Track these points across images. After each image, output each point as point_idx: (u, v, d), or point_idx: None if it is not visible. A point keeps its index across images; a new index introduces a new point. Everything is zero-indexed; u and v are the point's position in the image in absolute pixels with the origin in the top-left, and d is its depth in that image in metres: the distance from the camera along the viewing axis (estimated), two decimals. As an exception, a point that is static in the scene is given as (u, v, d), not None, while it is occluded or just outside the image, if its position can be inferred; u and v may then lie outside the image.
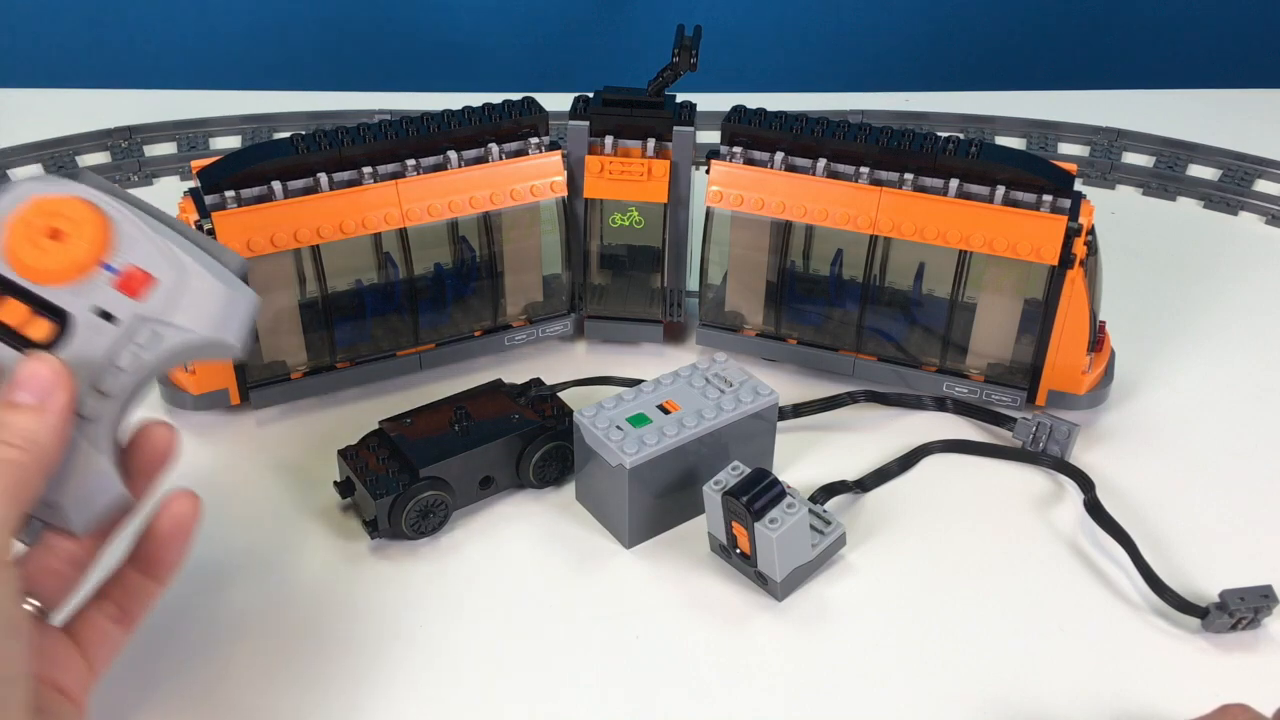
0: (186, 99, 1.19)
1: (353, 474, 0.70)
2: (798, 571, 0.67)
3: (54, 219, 0.56)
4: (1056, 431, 0.76)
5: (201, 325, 0.57)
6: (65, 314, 0.55)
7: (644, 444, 0.68)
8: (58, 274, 0.56)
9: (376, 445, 0.71)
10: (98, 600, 0.58)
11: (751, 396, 0.71)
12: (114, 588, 0.58)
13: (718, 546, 0.69)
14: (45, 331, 0.55)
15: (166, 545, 0.58)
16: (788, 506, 0.64)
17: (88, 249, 0.56)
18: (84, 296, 0.56)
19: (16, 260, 0.56)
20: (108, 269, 0.56)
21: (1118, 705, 0.62)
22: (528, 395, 0.75)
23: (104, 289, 0.56)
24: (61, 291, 0.56)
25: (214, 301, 0.57)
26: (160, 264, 0.57)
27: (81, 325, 0.56)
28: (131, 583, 0.58)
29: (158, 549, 0.58)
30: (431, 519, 0.70)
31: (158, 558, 0.58)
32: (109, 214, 0.57)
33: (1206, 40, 1.40)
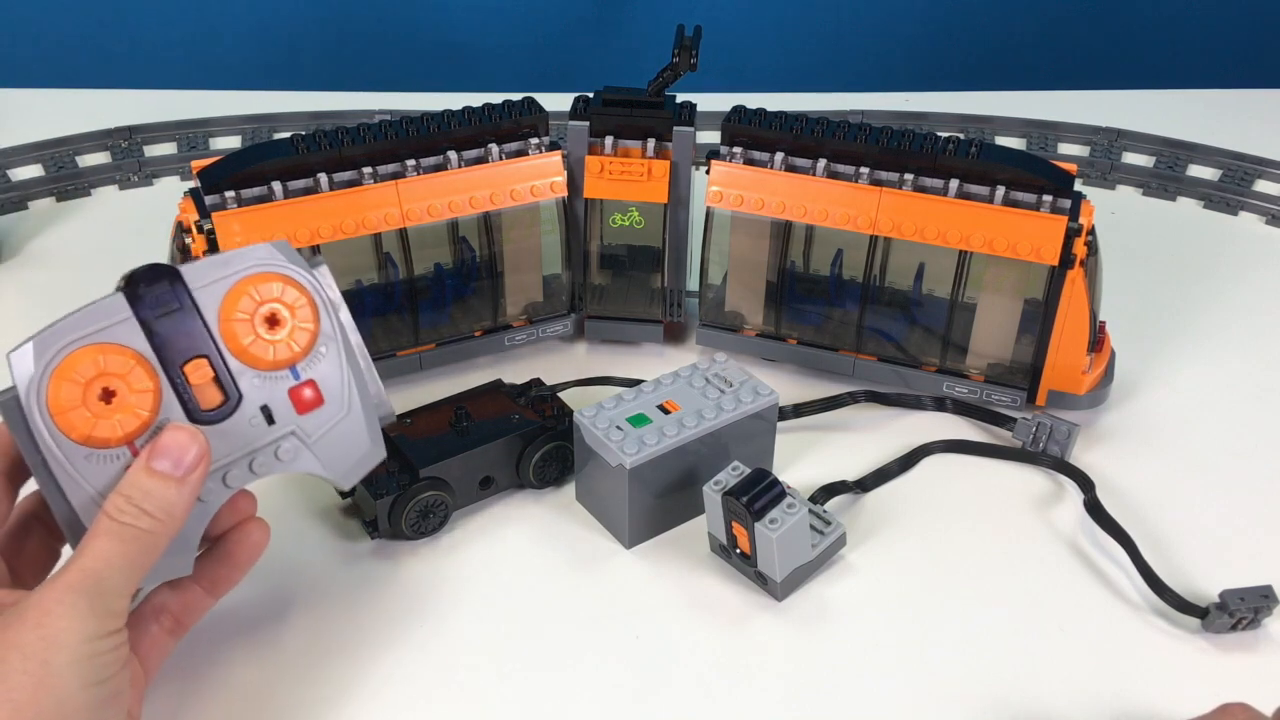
0: (186, 99, 1.19)
1: None
2: (798, 571, 0.67)
3: (280, 306, 0.57)
4: (1056, 431, 0.76)
5: (334, 466, 0.59)
6: (240, 398, 0.56)
7: (644, 444, 0.68)
8: (256, 360, 0.56)
9: None
10: (156, 612, 0.59)
11: (751, 396, 0.71)
12: (174, 601, 0.59)
13: (718, 546, 0.69)
14: (213, 402, 0.56)
15: (237, 568, 0.60)
16: (788, 506, 0.64)
17: (292, 353, 0.57)
18: (262, 389, 0.57)
19: (227, 328, 0.56)
20: (294, 373, 0.57)
21: (1118, 705, 0.62)
22: (528, 395, 0.75)
23: (280, 391, 0.57)
24: (246, 373, 0.56)
25: (355, 450, 0.59)
26: (334, 391, 0.58)
27: (245, 414, 0.56)
28: (192, 598, 0.60)
29: (228, 570, 0.60)
30: (431, 519, 0.70)
31: (224, 577, 0.60)
32: (322, 324, 0.58)
33: (1206, 40, 1.40)
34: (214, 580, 0.60)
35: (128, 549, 0.51)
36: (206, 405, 0.56)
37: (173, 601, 0.59)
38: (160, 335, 0.55)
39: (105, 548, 0.51)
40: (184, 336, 0.55)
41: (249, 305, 0.56)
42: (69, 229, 1.02)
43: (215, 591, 0.61)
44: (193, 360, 0.55)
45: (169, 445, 0.52)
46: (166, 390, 0.55)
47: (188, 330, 0.55)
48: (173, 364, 0.55)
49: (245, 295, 0.56)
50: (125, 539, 0.51)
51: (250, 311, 0.56)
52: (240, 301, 0.56)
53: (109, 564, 0.50)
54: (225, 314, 0.56)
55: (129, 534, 0.51)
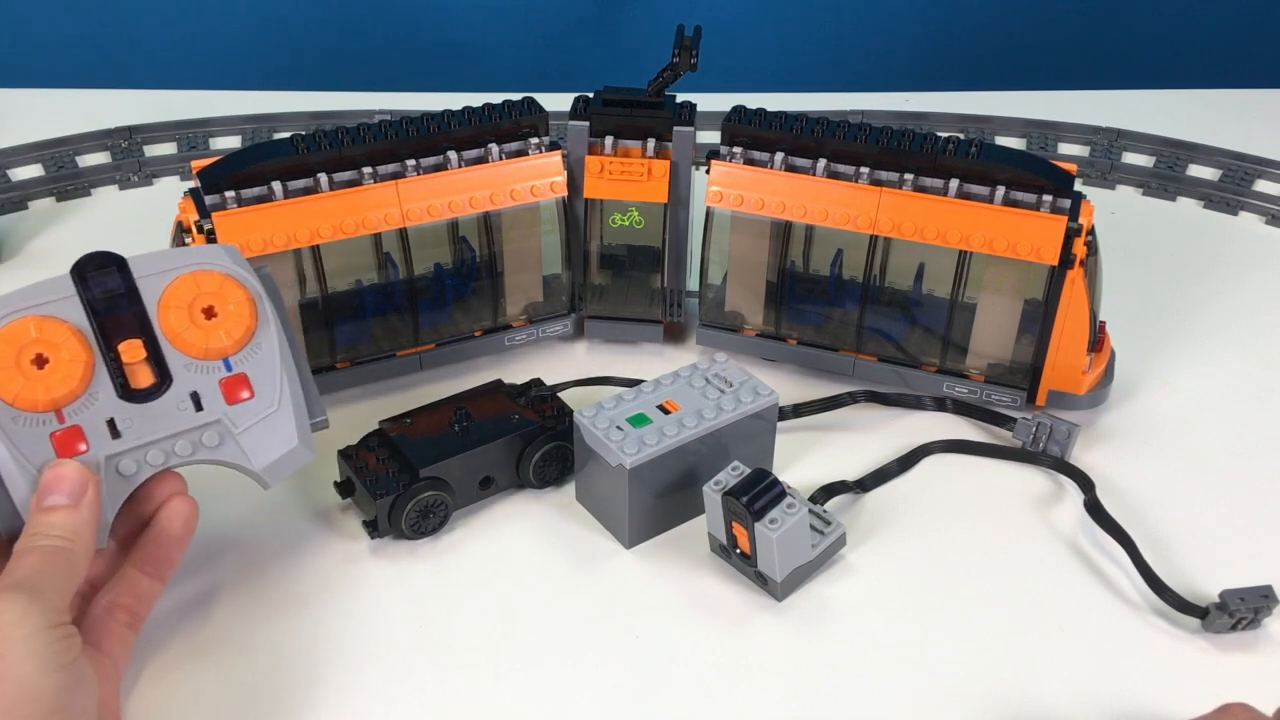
0: (186, 99, 1.19)
1: (353, 474, 0.70)
2: (798, 571, 0.67)
3: (216, 300, 0.60)
4: (1056, 431, 0.76)
5: (258, 459, 0.61)
6: (170, 381, 0.59)
7: (644, 444, 0.68)
8: (189, 347, 0.60)
9: (376, 445, 0.71)
10: (110, 608, 0.60)
11: (751, 396, 0.71)
12: (123, 593, 0.61)
13: (718, 546, 0.69)
14: (144, 382, 0.59)
15: (174, 546, 0.62)
16: (788, 506, 0.64)
17: (227, 344, 0.60)
18: (192, 374, 0.60)
19: (165, 315, 0.59)
20: (226, 364, 0.60)
21: (1118, 705, 0.62)
22: (528, 395, 0.75)
23: (211, 380, 0.60)
24: (179, 358, 0.59)
25: (281, 445, 0.61)
26: (266, 387, 0.60)
27: (173, 397, 0.59)
28: (139, 586, 0.61)
29: (165, 550, 0.62)
30: (431, 519, 0.70)
31: (163, 558, 0.62)
32: (260, 322, 0.61)
33: (1206, 40, 1.40)
34: (156, 563, 0.61)
35: (49, 560, 0.54)
36: (137, 385, 0.59)
37: (124, 595, 0.61)
38: (100, 314, 0.59)
39: (31, 561, 0.54)
40: (122, 318, 0.59)
41: (187, 295, 0.60)
42: (69, 229, 1.02)
43: (161, 575, 0.62)
44: (128, 340, 0.58)
45: (53, 481, 0.56)
46: (100, 365, 0.59)
47: (126, 312, 0.59)
48: (110, 342, 0.58)
49: (186, 287, 0.60)
50: (45, 554, 0.54)
51: (188, 301, 0.59)
52: (180, 292, 0.60)
53: (38, 571, 0.54)
54: (165, 301, 0.60)
55: (48, 551, 0.55)
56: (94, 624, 0.59)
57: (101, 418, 0.59)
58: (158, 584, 0.62)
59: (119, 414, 0.59)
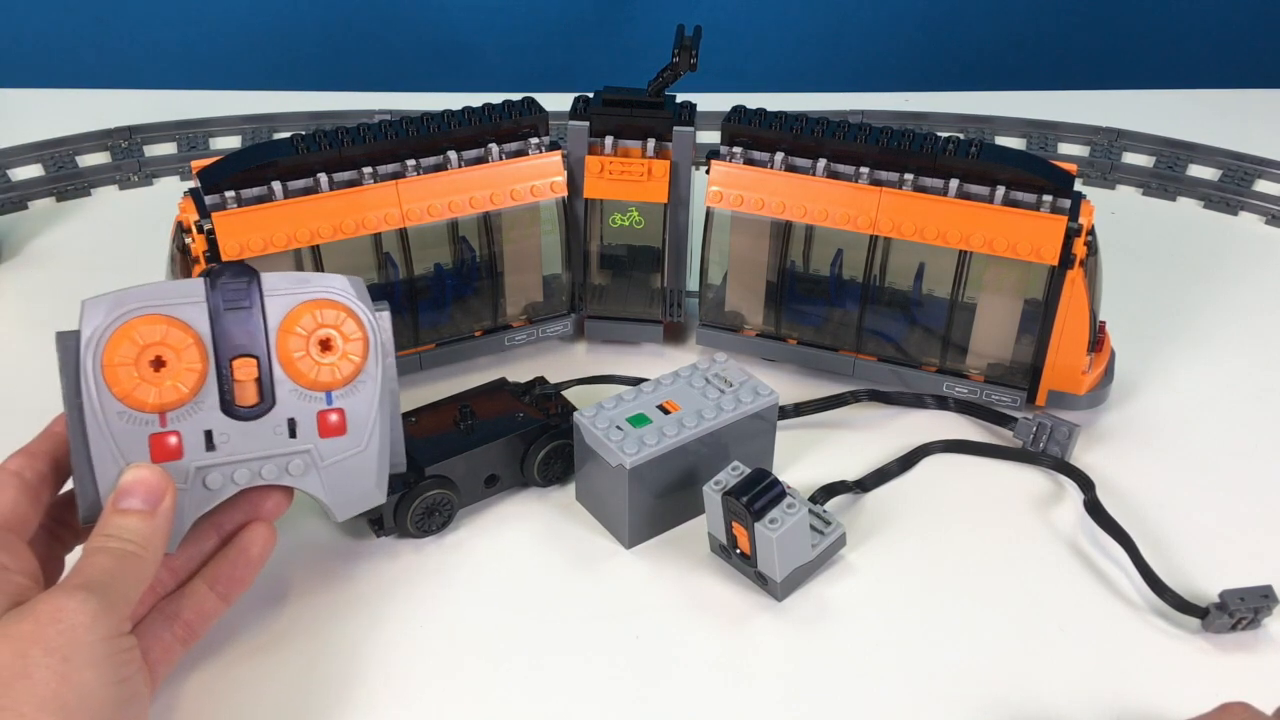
0: (186, 99, 1.19)
1: None
2: (798, 571, 0.67)
3: (336, 334, 0.61)
4: (1057, 432, 0.76)
5: (335, 495, 0.62)
6: (273, 404, 0.60)
7: (644, 444, 0.68)
8: (299, 375, 0.60)
9: None
10: (169, 619, 0.60)
11: (751, 396, 0.71)
12: (186, 607, 0.61)
13: (718, 546, 0.69)
14: (248, 400, 0.59)
15: (249, 568, 0.62)
16: (788, 506, 0.64)
17: (336, 379, 0.61)
18: (295, 402, 0.60)
19: (283, 339, 0.60)
20: (328, 398, 0.61)
21: (1118, 705, 0.62)
22: (532, 394, 0.75)
23: (311, 411, 0.60)
24: (286, 384, 0.60)
25: (359, 486, 0.62)
26: (359, 426, 0.61)
27: (272, 420, 0.60)
28: (205, 603, 0.61)
29: (240, 570, 0.62)
30: (436, 517, 0.70)
31: (237, 579, 0.62)
32: (369, 362, 0.61)
33: (1206, 40, 1.40)
34: (227, 582, 0.61)
35: (120, 565, 0.53)
36: (241, 402, 0.59)
37: (185, 609, 0.60)
38: (222, 326, 0.59)
39: (102, 562, 0.53)
40: (243, 333, 0.59)
41: (309, 324, 0.60)
42: (69, 229, 1.02)
43: (228, 596, 0.62)
44: (242, 357, 0.59)
45: (133, 484, 0.56)
46: (211, 376, 0.59)
47: (248, 329, 0.59)
48: (224, 355, 0.59)
49: (309, 314, 0.60)
50: (119, 559, 0.54)
51: (309, 330, 0.60)
52: (302, 318, 0.60)
53: (110, 575, 0.53)
54: (286, 325, 0.60)
55: (118, 554, 0.54)
56: (147, 630, 0.59)
57: (201, 428, 0.59)
58: (223, 604, 0.62)
59: (218, 427, 0.59)
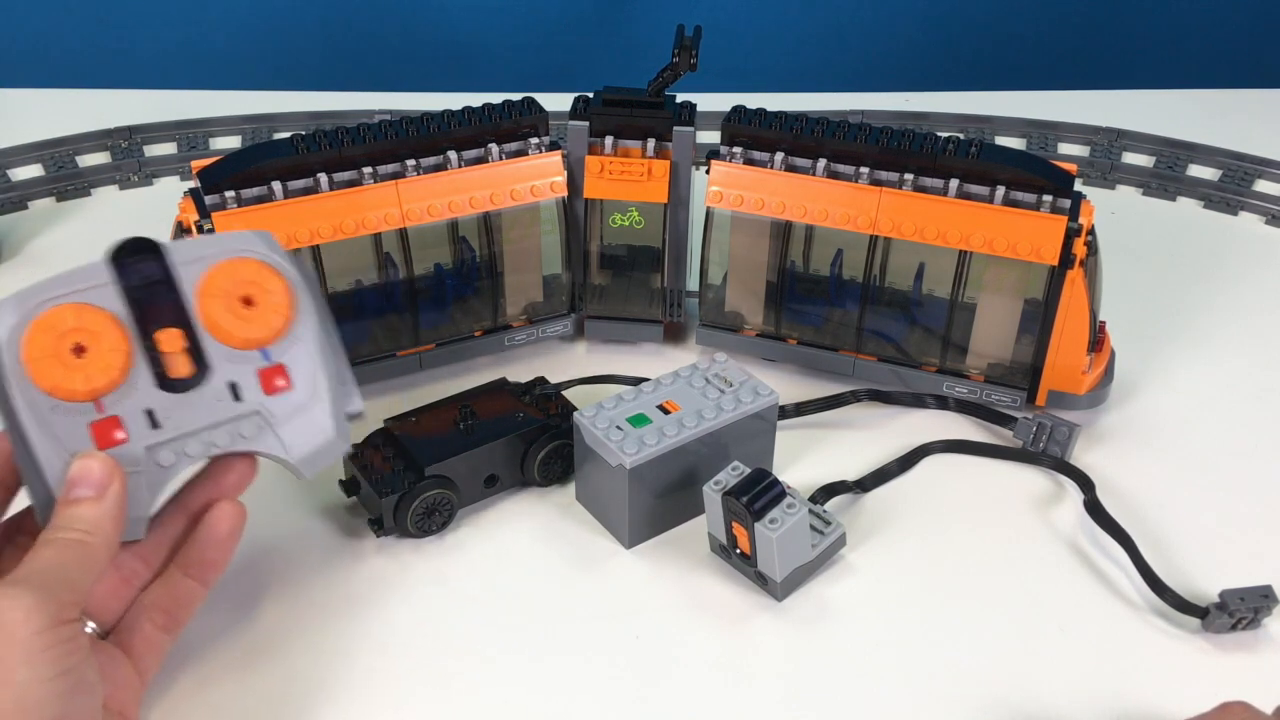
0: (186, 99, 1.19)
1: (358, 472, 0.70)
2: (798, 571, 0.67)
3: (255, 288, 0.59)
4: (1057, 432, 0.76)
5: (295, 450, 0.60)
6: (209, 371, 0.58)
7: (644, 444, 0.68)
8: (228, 337, 0.59)
9: (381, 444, 0.71)
10: (148, 610, 0.59)
11: (751, 396, 0.71)
12: (164, 596, 0.60)
13: (718, 546, 0.69)
14: (182, 371, 0.58)
15: (220, 548, 0.61)
16: (788, 506, 0.64)
17: (266, 333, 0.59)
18: (231, 364, 0.59)
19: (203, 303, 0.58)
20: (264, 354, 0.59)
21: (1118, 705, 0.62)
22: (532, 394, 0.75)
23: (249, 370, 0.59)
24: (218, 348, 0.58)
25: (318, 437, 0.60)
26: (302, 377, 0.59)
27: (212, 387, 0.58)
28: (182, 589, 0.60)
29: (211, 552, 0.61)
30: (437, 517, 0.70)
31: (210, 561, 0.61)
32: (298, 312, 0.60)
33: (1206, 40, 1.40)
34: (199, 565, 0.61)
35: (66, 554, 0.53)
36: (175, 374, 0.58)
37: (163, 597, 0.60)
38: (138, 303, 0.58)
39: (47, 555, 0.53)
40: (161, 306, 0.58)
41: (226, 284, 0.59)
42: (69, 229, 1.02)
43: (204, 579, 0.61)
44: (166, 329, 0.58)
45: (78, 474, 0.55)
46: (138, 354, 0.57)
47: (165, 301, 0.58)
48: (147, 331, 0.58)
49: (224, 274, 0.59)
50: (63, 547, 0.53)
51: (227, 290, 0.58)
52: (218, 280, 0.59)
53: (51, 565, 0.52)
54: (203, 290, 0.58)
55: (66, 543, 0.53)
56: (128, 624, 0.58)
57: (140, 408, 0.57)
58: (199, 587, 0.61)
59: (157, 404, 0.58)
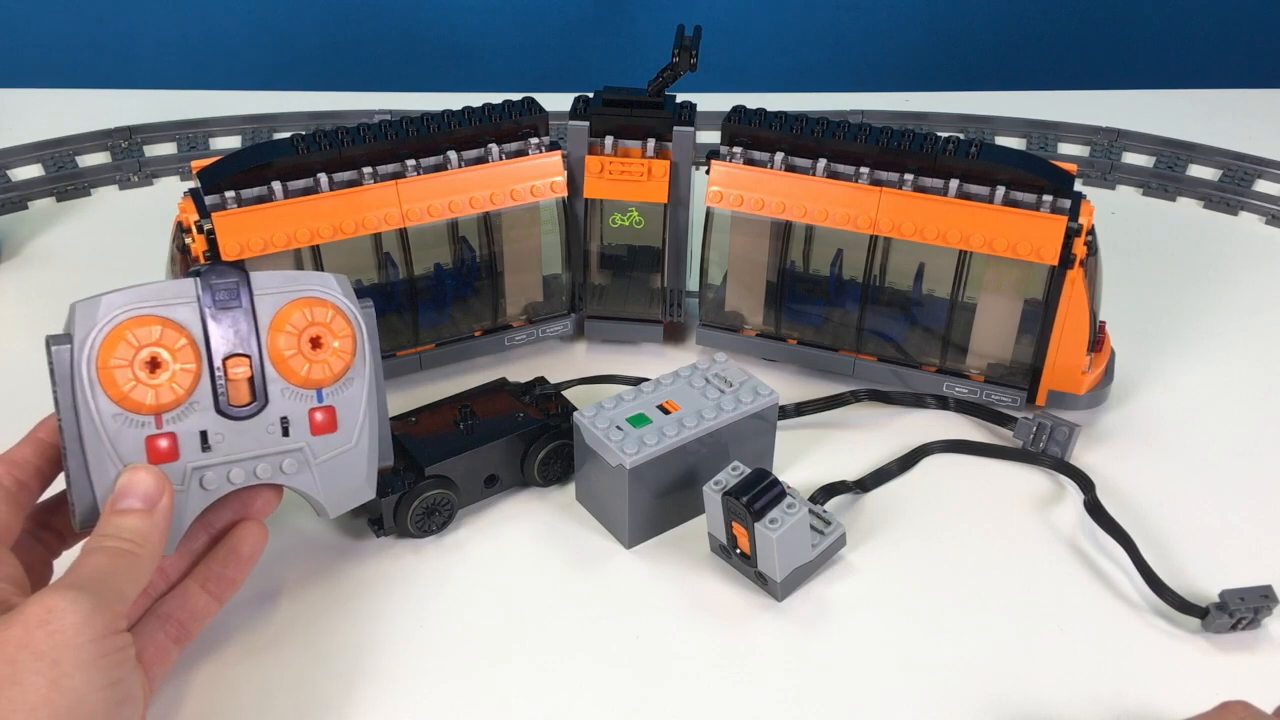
0: (186, 99, 1.19)
1: None
2: (798, 571, 0.67)
3: (324, 331, 0.61)
4: (1057, 431, 0.76)
5: (327, 492, 0.62)
6: (266, 404, 0.60)
7: (644, 444, 0.68)
8: (290, 373, 0.60)
9: None
10: (162, 620, 0.60)
11: (751, 396, 0.71)
12: (179, 608, 0.60)
13: (718, 546, 0.69)
14: (241, 400, 0.60)
15: (240, 567, 0.62)
16: (788, 507, 0.64)
17: (326, 376, 0.61)
18: (287, 400, 0.61)
19: (274, 338, 0.60)
20: (319, 395, 0.61)
21: (1118, 705, 0.62)
22: (532, 394, 0.75)
23: (302, 409, 0.61)
24: (278, 383, 0.60)
25: (350, 483, 0.63)
26: (349, 423, 0.62)
27: (265, 419, 0.60)
28: (197, 603, 0.61)
29: (231, 570, 0.62)
30: (436, 517, 0.70)
31: (228, 578, 0.62)
32: (357, 359, 0.62)
33: (1206, 40, 1.40)
34: (218, 582, 0.61)
35: (116, 563, 0.53)
36: (235, 401, 0.60)
37: (178, 609, 0.60)
38: (214, 326, 0.59)
39: (97, 561, 0.53)
40: (235, 333, 0.60)
41: (300, 322, 0.60)
42: (69, 229, 1.02)
43: (220, 595, 0.62)
44: (236, 356, 0.59)
45: (130, 485, 0.56)
46: (205, 377, 0.59)
47: (240, 328, 0.60)
48: (217, 355, 0.59)
49: (299, 312, 0.60)
50: (112, 555, 0.54)
51: (299, 328, 0.60)
52: (292, 316, 0.60)
53: (103, 573, 0.53)
54: (276, 324, 0.60)
55: (114, 552, 0.54)
56: (141, 632, 0.59)
57: (196, 429, 0.59)
58: (214, 603, 0.61)
59: (212, 427, 0.59)
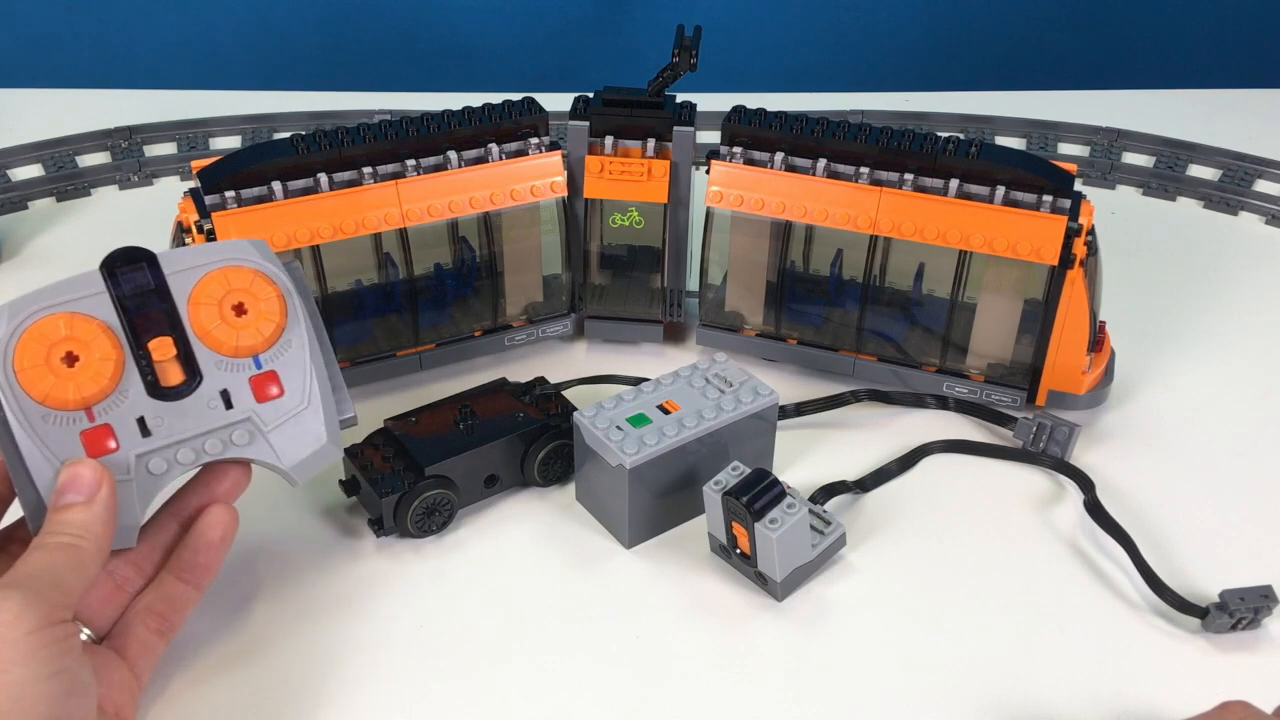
0: (186, 99, 1.19)
1: (358, 472, 0.70)
2: (798, 572, 0.67)
3: (247, 296, 0.60)
4: (1057, 432, 0.76)
5: (287, 457, 0.60)
6: (200, 379, 0.59)
7: (644, 444, 0.68)
8: (219, 344, 0.59)
9: (381, 444, 0.71)
10: (141, 614, 0.60)
11: (751, 396, 0.71)
12: (157, 600, 0.60)
13: (718, 546, 0.69)
14: (174, 380, 0.58)
15: (212, 552, 0.61)
16: (788, 506, 0.64)
17: (257, 340, 0.59)
18: (223, 372, 0.59)
19: (195, 311, 0.59)
20: (256, 362, 0.60)
21: (1118, 705, 0.62)
22: (532, 394, 0.75)
23: (241, 378, 0.59)
24: (209, 355, 0.59)
25: (310, 444, 0.61)
26: (294, 384, 0.60)
27: (204, 395, 0.59)
28: (175, 593, 0.61)
29: (203, 556, 0.61)
30: (437, 517, 0.70)
31: (202, 565, 0.61)
32: (289, 319, 0.60)
33: (1206, 40, 1.40)
34: (192, 570, 0.61)
35: (56, 558, 0.53)
36: (167, 382, 0.58)
37: (156, 602, 0.60)
38: (130, 311, 0.58)
39: (35, 558, 0.53)
40: (153, 314, 0.58)
41: (218, 291, 0.59)
42: (69, 229, 1.02)
43: (198, 583, 0.61)
44: (158, 337, 0.58)
45: (68, 481, 0.56)
46: (129, 362, 0.58)
47: (157, 309, 0.59)
48: (139, 339, 0.58)
49: (216, 282, 0.59)
50: (53, 550, 0.54)
51: (218, 298, 0.59)
52: (210, 288, 0.59)
53: (40, 568, 0.53)
54: (194, 298, 0.59)
55: (56, 547, 0.54)
56: (122, 628, 0.59)
57: (131, 416, 0.58)
58: (194, 591, 0.61)
59: (149, 412, 0.58)
